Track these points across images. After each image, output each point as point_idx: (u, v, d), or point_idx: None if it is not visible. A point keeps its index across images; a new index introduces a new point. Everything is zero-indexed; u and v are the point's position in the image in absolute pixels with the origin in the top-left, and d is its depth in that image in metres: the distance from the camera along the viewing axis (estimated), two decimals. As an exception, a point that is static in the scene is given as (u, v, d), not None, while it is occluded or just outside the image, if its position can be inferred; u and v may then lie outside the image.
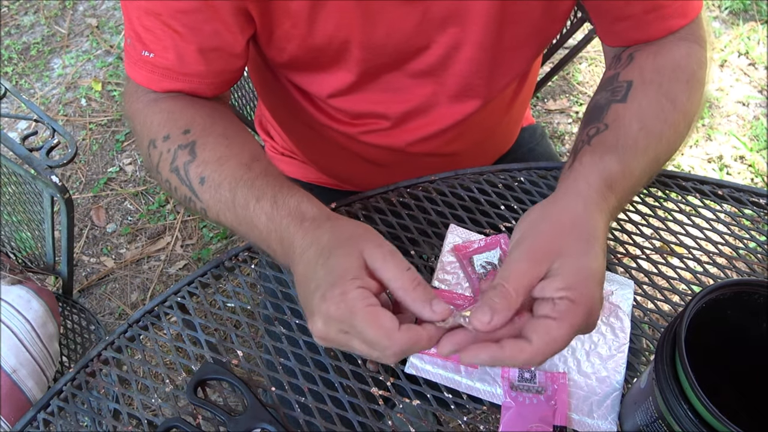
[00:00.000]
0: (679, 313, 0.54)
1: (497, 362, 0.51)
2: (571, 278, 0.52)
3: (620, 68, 0.73)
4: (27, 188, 1.04)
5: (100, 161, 2.13)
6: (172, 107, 0.70)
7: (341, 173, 1.02)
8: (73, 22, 2.57)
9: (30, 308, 0.96)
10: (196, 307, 0.75)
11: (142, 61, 0.69)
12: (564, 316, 0.51)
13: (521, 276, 0.53)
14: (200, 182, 0.65)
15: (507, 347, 0.51)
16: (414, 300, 0.52)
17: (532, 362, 0.51)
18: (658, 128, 0.66)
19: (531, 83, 1.00)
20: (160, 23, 0.67)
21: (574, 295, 0.51)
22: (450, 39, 0.74)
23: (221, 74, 0.72)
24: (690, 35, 0.75)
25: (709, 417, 0.48)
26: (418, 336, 0.51)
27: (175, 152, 0.67)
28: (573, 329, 0.51)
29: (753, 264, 0.77)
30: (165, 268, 1.87)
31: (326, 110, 0.85)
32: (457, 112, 0.84)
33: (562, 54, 1.29)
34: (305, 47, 0.73)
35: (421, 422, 0.68)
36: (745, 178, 1.98)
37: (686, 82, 0.71)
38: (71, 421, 0.68)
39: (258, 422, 0.65)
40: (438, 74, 0.79)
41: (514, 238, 0.57)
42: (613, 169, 0.61)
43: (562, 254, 0.53)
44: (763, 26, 2.40)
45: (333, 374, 0.69)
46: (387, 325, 0.50)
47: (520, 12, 0.72)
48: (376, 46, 0.73)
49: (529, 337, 0.51)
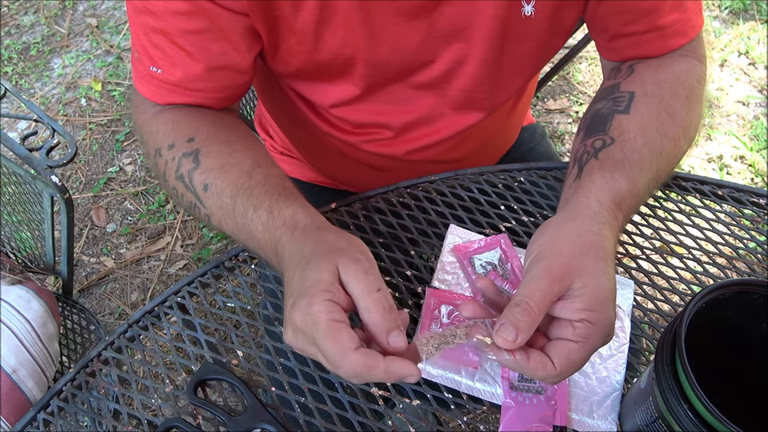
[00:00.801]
0: (679, 313, 0.54)
1: (517, 368, 0.52)
2: (591, 300, 0.52)
3: (621, 78, 0.73)
4: (27, 188, 1.04)
5: (100, 161, 2.13)
6: (177, 117, 0.71)
7: (341, 176, 1.02)
8: (73, 22, 2.57)
9: (30, 308, 0.96)
10: (196, 307, 0.75)
11: (150, 76, 0.70)
12: (584, 339, 0.51)
13: (543, 294, 0.52)
14: (204, 189, 0.66)
15: (532, 360, 0.51)
16: (374, 324, 0.51)
17: (550, 381, 0.52)
18: (659, 143, 0.67)
19: (532, 86, 1.00)
20: (168, 41, 0.67)
21: (594, 317, 0.52)
22: (454, 54, 0.74)
23: (228, 89, 0.73)
24: (690, 52, 0.75)
25: (709, 417, 0.48)
26: (373, 365, 0.49)
27: (180, 160, 0.67)
28: (592, 351, 0.53)
29: (753, 264, 0.77)
30: (165, 268, 1.87)
31: (328, 119, 0.85)
32: (459, 122, 0.84)
33: (562, 54, 1.28)
34: (310, 62, 0.73)
35: (421, 422, 0.68)
36: (745, 178, 1.98)
37: (686, 97, 0.71)
38: (71, 421, 0.68)
39: (258, 422, 0.65)
40: (441, 87, 0.79)
41: (531, 255, 0.56)
42: (623, 187, 0.62)
43: (582, 274, 0.53)
44: (763, 26, 2.40)
45: (333, 374, 0.69)
46: (343, 343, 0.49)
47: (524, 30, 0.72)
48: (380, 63, 0.74)
49: (551, 357, 0.52)
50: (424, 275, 0.76)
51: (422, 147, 0.87)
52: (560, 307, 0.53)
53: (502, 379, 0.66)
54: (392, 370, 0.49)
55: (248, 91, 0.78)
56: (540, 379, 0.52)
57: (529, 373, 0.52)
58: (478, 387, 0.67)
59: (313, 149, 0.98)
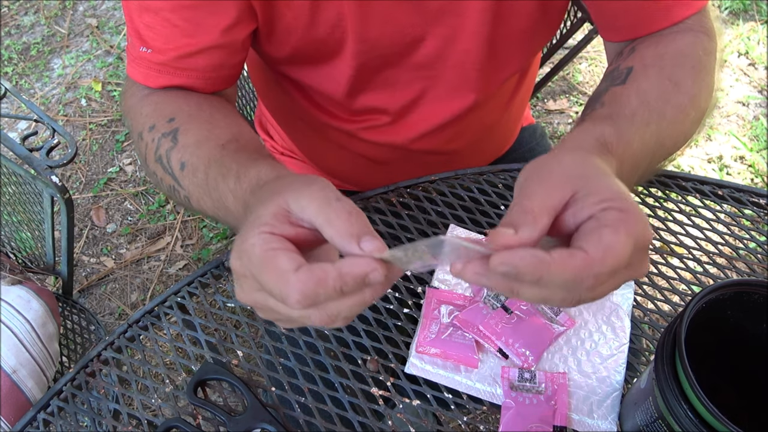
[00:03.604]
0: (679, 313, 0.54)
1: (537, 272, 0.39)
2: (608, 193, 0.43)
3: (621, 61, 0.71)
4: (27, 188, 1.04)
5: (100, 161, 2.13)
6: (161, 99, 0.69)
7: (341, 172, 1.02)
8: (73, 22, 2.57)
9: (30, 308, 0.96)
10: (196, 307, 0.75)
11: (140, 57, 0.69)
12: (617, 223, 0.40)
13: (542, 198, 0.43)
14: (181, 168, 0.61)
15: (555, 254, 0.39)
16: (340, 234, 0.41)
17: (586, 274, 0.40)
18: (659, 106, 0.61)
19: (530, 82, 1.00)
20: (159, 19, 0.66)
21: (620, 204, 0.42)
22: (447, 30, 0.74)
23: (220, 69, 0.71)
24: (696, 25, 0.71)
25: (709, 417, 0.48)
26: (322, 276, 0.39)
27: (159, 141, 0.64)
28: (630, 238, 0.40)
29: (753, 264, 0.77)
30: (165, 268, 1.87)
31: (326, 107, 0.85)
32: (455, 106, 0.84)
33: (562, 54, 1.29)
34: (306, 40, 0.72)
35: (421, 422, 0.68)
36: (745, 178, 1.98)
37: (692, 67, 0.67)
38: (71, 422, 0.68)
39: (258, 422, 0.65)
40: (436, 67, 0.79)
41: (518, 186, 0.47)
42: (606, 131, 0.54)
43: (587, 177, 0.44)
44: (763, 26, 2.40)
45: (333, 374, 0.69)
46: (281, 267, 0.40)
47: (515, 6, 0.72)
48: (372, 39, 0.73)
49: (580, 247, 0.41)
50: (424, 275, 0.76)
51: (420, 135, 0.87)
52: (572, 213, 0.43)
53: (502, 379, 0.66)
54: (347, 272, 0.39)
55: (240, 74, 0.76)
56: (574, 280, 0.39)
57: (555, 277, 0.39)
58: (478, 387, 0.67)
59: (313, 144, 0.98)
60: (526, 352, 0.68)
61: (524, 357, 0.67)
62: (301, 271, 0.40)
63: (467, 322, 0.69)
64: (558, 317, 0.70)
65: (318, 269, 0.40)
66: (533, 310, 0.70)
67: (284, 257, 0.40)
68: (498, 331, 0.68)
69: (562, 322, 0.70)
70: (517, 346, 0.68)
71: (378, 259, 0.40)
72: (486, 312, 0.70)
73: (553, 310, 0.71)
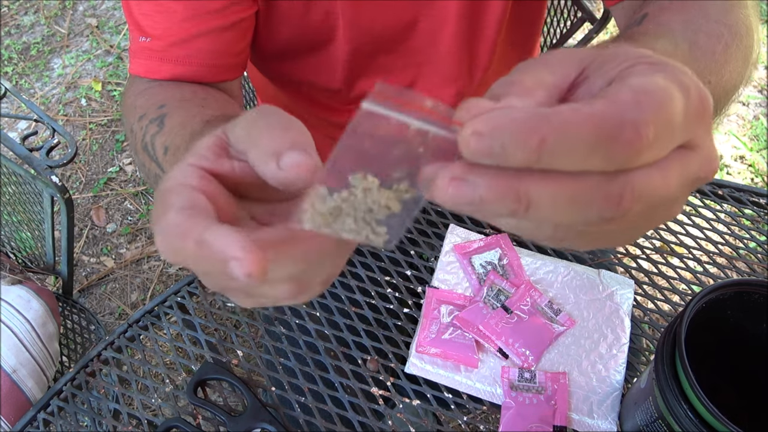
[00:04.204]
0: (679, 313, 0.54)
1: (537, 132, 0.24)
2: (634, 53, 0.29)
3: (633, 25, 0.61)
4: (27, 188, 1.04)
5: (100, 161, 2.13)
6: (156, 90, 0.67)
7: None
8: (73, 22, 2.57)
9: (30, 308, 0.96)
10: (196, 307, 0.75)
11: (140, 48, 0.68)
12: (649, 72, 0.27)
13: (538, 71, 0.29)
14: (164, 153, 0.56)
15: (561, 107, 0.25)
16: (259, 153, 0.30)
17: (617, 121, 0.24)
18: (688, 35, 0.53)
19: None
20: (157, 5, 0.65)
21: (653, 59, 0.28)
22: (437, 12, 0.75)
23: (222, 56, 0.69)
24: None
25: (709, 417, 0.48)
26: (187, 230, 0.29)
27: (146, 127, 0.61)
28: (675, 84, 0.26)
29: (753, 264, 0.77)
30: (165, 268, 1.87)
31: (323, 101, 0.86)
32: (448, 95, 0.85)
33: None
34: (300, 28, 0.73)
35: (421, 422, 0.68)
36: (745, 178, 1.98)
37: (721, 4, 0.57)
38: (71, 421, 0.68)
39: (258, 422, 0.65)
40: (428, 52, 0.79)
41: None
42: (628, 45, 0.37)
43: (600, 49, 0.30)
44: (763, 26, 2.40)
45: (333, 374, 0.69)
46: (167, 202, 0.30)
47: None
48: (364, 24, 0.74)
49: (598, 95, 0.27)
50: (424, 275, 0.76)
51: None
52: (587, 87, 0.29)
53: (502, 379, 0.66)
54: (207, 239, 0.28)
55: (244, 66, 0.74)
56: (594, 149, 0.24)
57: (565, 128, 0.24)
58: (478, 387, 0.67)
59: None
60: (526, 352, 0.68)
61: (524, 357, 0.67)
62: (179, 212, 0.29)
63: (467, 321, 0.69)
64: (558, 317, 0.70)
65: (191, 219, 0.29)
66: (533, 310, 0.70)
67: (181, 193, 0.30)
68: (498, 331, 0.68)
69: (562, 322, 0.70)
70: (517, 345, 0.68)
71: (255, 250, 0.27)
72: (486, 312, 0.70)
73: (554, 310, 0.71)
